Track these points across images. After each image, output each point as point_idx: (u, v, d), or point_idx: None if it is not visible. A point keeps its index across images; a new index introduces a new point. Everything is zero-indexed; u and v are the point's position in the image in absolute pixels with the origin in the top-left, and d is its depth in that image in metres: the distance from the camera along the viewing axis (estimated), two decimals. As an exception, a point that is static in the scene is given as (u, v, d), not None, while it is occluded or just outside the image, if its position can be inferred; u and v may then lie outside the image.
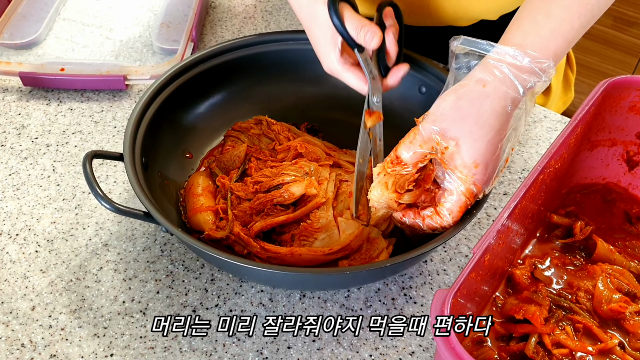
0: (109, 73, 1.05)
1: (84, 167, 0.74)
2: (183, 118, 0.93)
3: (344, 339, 0.75)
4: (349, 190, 0.81)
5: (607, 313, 0.69)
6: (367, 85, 0.80)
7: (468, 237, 0.87)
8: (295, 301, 0.79)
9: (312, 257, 0.74)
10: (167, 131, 0.89)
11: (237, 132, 0.93)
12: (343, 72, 0.82)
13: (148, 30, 1.18)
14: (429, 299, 0.79)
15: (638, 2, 2.16)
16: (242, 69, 0.96)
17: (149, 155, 0.83)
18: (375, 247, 0.77)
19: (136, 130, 0.81)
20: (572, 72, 1.24)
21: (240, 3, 1.30)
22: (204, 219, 0.80)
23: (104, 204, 0.72)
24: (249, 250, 0.76)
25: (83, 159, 0.75)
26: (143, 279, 0.80)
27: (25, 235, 0.84)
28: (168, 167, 0.88)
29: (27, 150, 0.96)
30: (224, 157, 0.87)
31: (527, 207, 0.71)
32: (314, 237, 0.77)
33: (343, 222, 0.77)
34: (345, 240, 0.75)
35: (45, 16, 1.18)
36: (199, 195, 0.82)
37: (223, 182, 0.83)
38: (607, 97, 0.77)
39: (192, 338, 0.74)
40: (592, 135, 0.81)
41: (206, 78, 0.94)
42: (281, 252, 0.74)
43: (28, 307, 0.77)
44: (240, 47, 0.96)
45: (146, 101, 0.85)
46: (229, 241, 0.77)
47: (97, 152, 0.77)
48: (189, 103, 0.94)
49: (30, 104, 1.04)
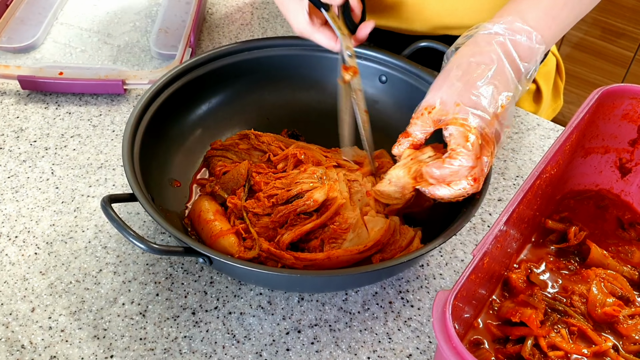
0: (108, 77, 1.06)
1: (106, 213, 0.70)
2: (162, 147, 0.90)
3: (342, 342, 0.76)
4: (363, 189, 0.83)
5: (601, 316, 0.71)
6: (337, 43, 0.85)
7: (464, 242, 0.88)
8: (294, 304, 0.79)
9: (349, 257, 0.75)
10: (153, 163, 0.85)
11: (220, 151, 0.90)
12: (313, 33, 0.86)
13: (146, 36, 1.18)
14: (425, 302, 0.81)
15: (627, 13, 2.20)
16: (228, 79, 0.97)
17: (149, 190, 0.79)
18: (404, 237, 0.78)
19: (134, 169, 0.78)
20: (562, 80, 1.27)
21: (237, 10, 1.31)
22: (229, 243, 0.77)
23: (141, 245, 0.68)
24: (283, 263, 0.75)
25: (101, 205, 0.71)
26: (142, 281, 0.81)
27: (25, 237, 0.85)
28: (164, 199, 0.85)
29: (26, 153, 0.96)
30: (226, 178, 0.85)
31: (524, 212, 0.72)
32: (343, 238, 0.77)
33: (370, 220, 0.79)
34: (377, 236, 0.76)
35: (43, 20, 1.18)
36: (213, 221, 0.79)
37: (235, 203, 0.81)
38: (600, 105, 0.79)
39: (191, 340, 0.75)
40: (586, 142, 0.83)
41: (178, 98, 0.92)
42: (318, 257, 0.74)
43: (28, 308, 0.77)
44: (228, 54, 0.96)
45: (130, 133, 0.81)
46: (261, 259, 0.76)
47: (113, 197, 0.73)
48: (165, 128, 0.90)
49: (29, 108, 1.04)
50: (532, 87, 1.20)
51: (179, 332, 0.76)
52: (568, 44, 2.38)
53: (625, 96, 0.79)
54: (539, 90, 1.21)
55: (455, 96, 0.75)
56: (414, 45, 0.94)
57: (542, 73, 1.20)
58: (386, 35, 1.11)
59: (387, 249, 0.77)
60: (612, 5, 2.20)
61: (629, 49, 2.28)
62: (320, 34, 0.86)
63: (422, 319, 0.79)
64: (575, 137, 0.78)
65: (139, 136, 0.82)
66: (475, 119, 0.73)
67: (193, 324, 0.77)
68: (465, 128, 0.73)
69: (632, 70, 2.31)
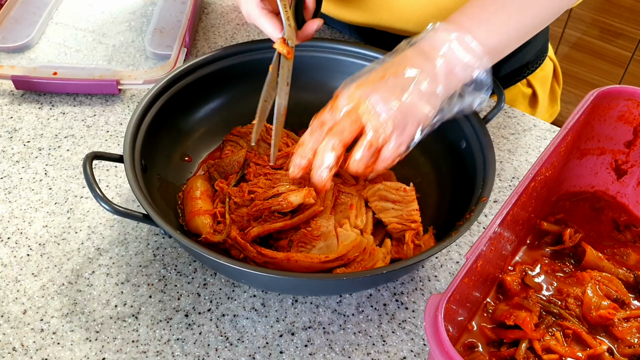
0: (102, 77, 1.05)
1: (84, 168, 0.74)
2: (182, 122, 0.94)
3: (336, 344, 0.75)
4: (348, 202, 0.82)
5: (596, 319, 0.70)
6: (281, 33, 0.84)
7: (458, 244, 0.87)
8: (288, 306, 0.79)
9: (309, 264, 0.74)
10: (166, 135, 0.90)
11: (236, 137, 0.93)
12: (260, 17, 0.85)
13: (141, 36, 1.18)
14: (420, 304, 0.80)
15: (624, 13, 2.20)
16: (241, 75, 0.97)
17: (148, 158, 0.84)
18: (372, 258, 0.77)
19: (136, 133, 0.82)
20: (559, 85, 1.26)
21: (233, 9, 1.30)
22: (201, 223, 0.80)
23: (104, 205, 0.71)
24: (246, 254, 0.76)
25: (83, 160, 0.74)
26: (135, 283, 0.80)
27: (17, 238, 0.84)
28: (167, 170, 0.89)
29: (19, 153, 0.96)
30: (223, 162, 0.87)
31: (518, 214, 0.72)
32: (312, 245, 0.77)
33: (342, 232, 0.78)
34: (343, 250, 0.76)
35: (37, 20, 1.18)
36: (197, 199, 0.83)
37: (222, 187, 0.84)
38: (596, 106, 0.78)
39: (184, 342, 0.75)
40: (582, 143, 0.82)
41: (206, 83, 0.95)
42: (278, 257, 0.74)
43: (19, 310, 0.77)
44: (239, 53, 0.97)
45: (146, 104, 0.86)
46: (226, 245, 0.77)
47: (98, 154, 0.77)
48: (189, 107, 0.95)
49: (23, 108, 1.04)
50: (528, 91, 1.19)
51: (171, 334, 0.75)
52: (566, 44, 2.38)
53: (621, 97, 0.78)
54: (535, 94, 1.20)
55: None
56: None
57: (538, 77, 1.19)
58: (381, 35, 1.10)
59: (352, 265, 0.76)
60: (610, 5, 2.20)
61: (627, 49, 2.27)
62: (267, 20, 0.85)
63: (417, 322, 0.78)
64: (570, 139, 0.77)
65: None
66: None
67: (186, 326, 0.76)
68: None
69: (630, 70, 2.31)
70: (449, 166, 0.92)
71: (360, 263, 0.76)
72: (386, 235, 0.83)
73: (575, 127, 0.75)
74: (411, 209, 0.82)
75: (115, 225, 0.87)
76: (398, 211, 0.82)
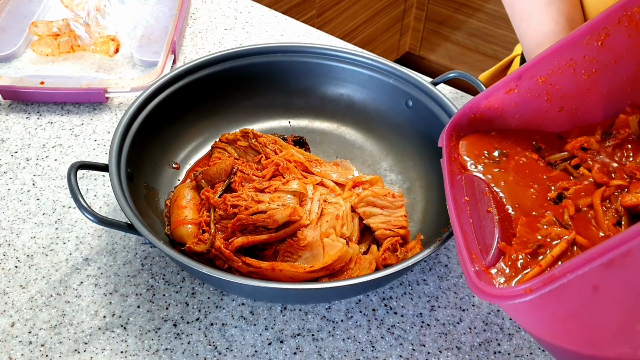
0: (89, 86, 1.05)
1: (68, 178, 0.73)
2: (170, 129, 0.94)
3: (325, 351, 0.75)
4: (335, 212, 0.82)
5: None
6: None
7: (447, 247, 0.87)
8: (277, 314, 0.79)
9: (293, 274, 0.74)
10: (154, 142, 0.90)
11: (223, 144, 0.93)
12: None
13: (128, 43, 1.18)
14: (409, 309, 0.80)
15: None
16: (229, 81, 0.97)
17: (135, 166, 0.83)
18: (357, 268, 0.77)
19: (122, 142, 0.82)
20: None
21: (221, 14, 1.30)
22: (186, 232, 0.81)
23: (87, 215, 0.71)
24: (230, 264, 0.76)
25: (68, 170, 0.74)
26: (124, 293, 0.80)
27: (5, 250, 0.84)
28: (155, 178, 0.89)
29: (7, 164, 0.96)
30: (210, 170, 0.87)
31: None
32: (298, 255, 0.77)
33: (328, 243, 0.78)
34: (328, 260, 0.75)
35: (24, 29, 1.17)
36: (184, 208, 0.83)
37: (207, 196, 0.83)
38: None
39: (172, 352, 0.74)
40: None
41: (193, 89, 0.95)
42: (262, 266, 0.74)
43: (7, 323, 0.76)
44: (227, 59, 0.97)
45: (133, 113, 0.85)
46: (210, 255, 0.77)
47: (83, 163, 0.77)
48: (177, 114, 0.94)
49: (10, 118, 1.04)
50: None
51: (160, 344, 0.75)
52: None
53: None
54: None
55: None
56: (445, 74, 0.92)
57: None
58: None
59: (337, 275, 0.76)
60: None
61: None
62: None
63: (406, 326, 0.78)
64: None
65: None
66: None
67: (174, 336, 0.76)
68: None
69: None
70: (438, 171, 0.92)
71: (346, 272, 0.76)
72: (373, 241, 0.83)
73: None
74: (399, 214, 0.82)
75: (103, 235, 0.86)
76: (386, 217, 0.82)
